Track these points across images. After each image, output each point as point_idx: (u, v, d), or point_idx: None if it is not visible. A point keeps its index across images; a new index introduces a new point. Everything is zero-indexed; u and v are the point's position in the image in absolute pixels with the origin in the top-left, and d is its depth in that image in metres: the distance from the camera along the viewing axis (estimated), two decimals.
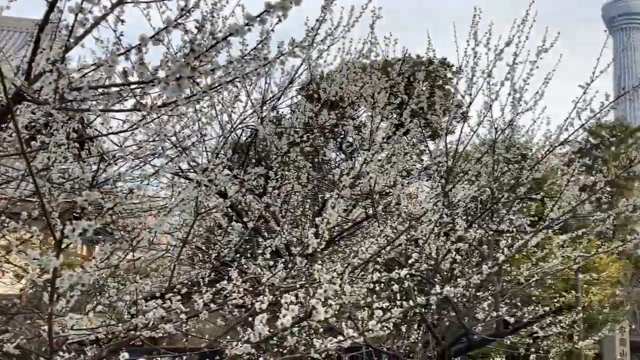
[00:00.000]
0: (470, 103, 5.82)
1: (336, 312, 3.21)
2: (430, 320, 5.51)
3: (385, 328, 2.42)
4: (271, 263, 3.77)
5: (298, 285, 2.49)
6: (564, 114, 6.05)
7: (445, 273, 6.17)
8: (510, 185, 5.84)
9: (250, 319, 2.38)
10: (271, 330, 1.97)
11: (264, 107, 5.78)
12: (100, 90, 2.42)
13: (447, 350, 5.23)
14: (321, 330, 2.98)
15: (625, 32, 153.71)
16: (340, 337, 2.34)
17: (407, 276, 3.89)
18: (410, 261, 3.22)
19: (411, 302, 2.74)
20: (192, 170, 5.60)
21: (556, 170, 8.47)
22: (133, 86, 2.20)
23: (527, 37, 5.75)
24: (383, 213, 5.66)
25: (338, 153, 8.28)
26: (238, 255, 5.51)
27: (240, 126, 6.41)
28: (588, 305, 15.18)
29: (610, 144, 33.36)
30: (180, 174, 5.87)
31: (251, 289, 2.99)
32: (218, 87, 2.88)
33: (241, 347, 1.97)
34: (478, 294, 5.66)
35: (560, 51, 6.41)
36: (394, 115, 6.61)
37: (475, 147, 6.62)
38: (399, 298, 3.17)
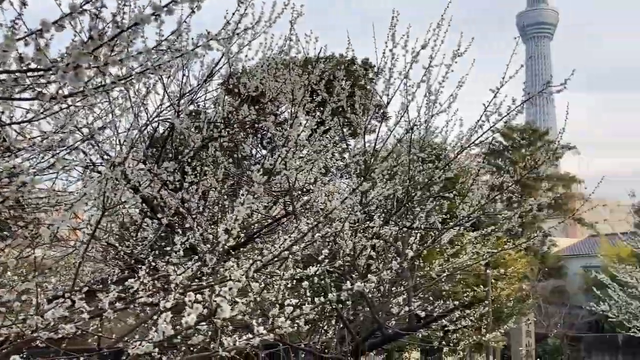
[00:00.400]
0: (388, 103, 5.97)
1: (250, 309, 3.19)
2: (346, 316, 5.60)
3: (295, 325, 2.43)
4: (187, 260, 3.69)
5: (205, 284, 2.45)
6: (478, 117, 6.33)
7: (362, 269, 6.30)
8: (424, 184, 6.03)
9: (155, 318, 2.32)
10: (176, 329, 1.93)
11: (182, 101, 5.65)
12: None
13: (361, 344, 5.33)
14: (230, 328, 2.95)
15: (536, 40, 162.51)
16: (249, 335, 2.32)
17: (325, 272, 3.93)
18: (320, 258, 3.25)
19: (322, 299, 2.77)
20: (103, 164, 5.39)
21: (468, 170, 8.83)
22: (31, 74, 2.07)
23: (442, 41, 5.95)
24: (302, 210, 5.69)
25: (258, 149, 8.23)
26: (153, 252, 5.36)
27: (156, 119, 6.24)
28: (497, 299, 15.99)
29: (521, 146, 35.31)
30: (92, 167, 5.63)
31: (162, 287, 2.91)
32: (130, 78, 2.78)
33: (143, 346, 1.91)
34: (392, 289, 5.81)
35: (480, 56, 6.69)
36: (317, 114, 6.66)
37: (393, 146, 6.78)
38: (318, 294, 3.20)
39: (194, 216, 5.00)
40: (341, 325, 5.74)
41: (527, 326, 20.98)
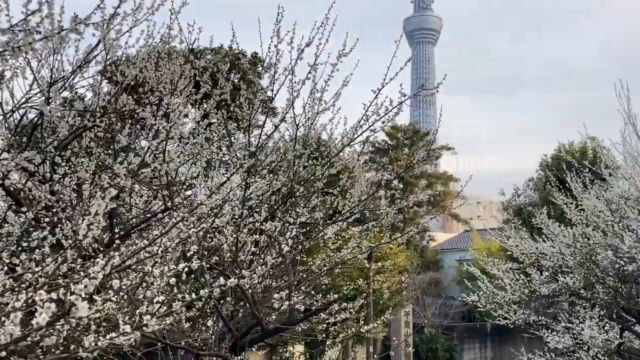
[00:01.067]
0: (272, 99, 5.97)
1: (118, 307, 3.05)
2: (227, 312, 5.54)
3: (163, 323, 2.36)
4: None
5: (62, 282, 2.30)
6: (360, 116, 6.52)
7: (245, 265, 6.27)
8: (306, 180, 6.12)
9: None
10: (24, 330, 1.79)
11: (52, 87, 5.28)
12: None
13: (239, 340, 5.31)
14: (94, 327, 2.81)
15: (422, 45, 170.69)
16: (113, 335, 2.22)
17: (203, 269, 3.83)
18: (189, 254, 3.19)
19: (194, 295, 2.71)
20: None
21: (352, 167, 9.03)
22: None
23: (327, 39, 6.05)
24: (183, 205, 5.54)
25: (138, 141, 7.91)
26: (18, 248, 4.97)
27: (24, 106, 5.79)
28: (378, 291, 16.66)
29: (404, 146, 36.97)
30: None
31: (17, 286, 2.70)
32: None
33: None
34: (273, 284, 5.84)
35: (371, 58, 6.87)
36: (204, 106, 6.52)
37: (276, 142, 6.81)
38: (198, 292, 3.13)
39: (64, 210, 4.69)
40: (220, 322, 5.67)
41: (405, 317, 22.04)
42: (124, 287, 2.90)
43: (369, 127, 5.37)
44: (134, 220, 6.45)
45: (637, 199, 10.71)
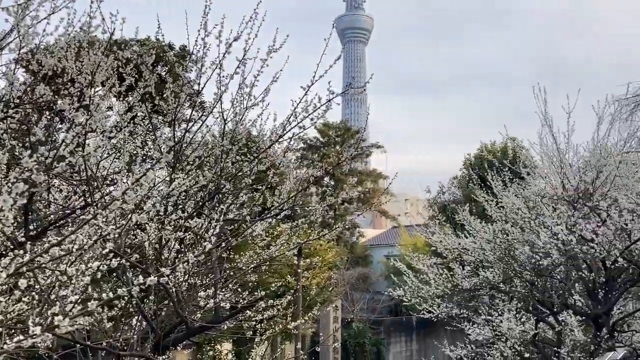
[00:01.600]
0: (199, 92, 5.86)
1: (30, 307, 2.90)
2: (149, 311, 5.39)
3: (76, 323, 2.25)
4: None
5: None
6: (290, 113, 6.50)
7: (169, 262, 6.12)
8: (234, 176, 6.05)
9: None
10: None
11: None
12: None
13: (163, 339, 5.18)
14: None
15: (353, 44, 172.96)
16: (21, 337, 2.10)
17: (124, 267, 3.70)
18: (104, 252, 3.07)
19: (111, 294, 2.61)
20: None
21: (281, 164, 9.00)
22: None
23: (256, 34, 5.99)
24: (104, 201, 5.34)
25: (57, 133, 7.54)
26: None
27: None
28: (308, 287, 16.75)
29: (336, 143, 37.35)
30: None
31: None
32: None
33: None
34: (199, 282, 5.73)
35: (303, 55, 6.84)
36: (127, 99, 6.30)
37: (206, 136, 6.69)
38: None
39: None
40: (143, 321, 5.52)
41: (334, 312, 22.29)
42: (37, 287, 2.75)
43: (297, 124, 5.37)
44: (52, 217, 6.16)
45: (552, 197, 11.31)
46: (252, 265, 6.35)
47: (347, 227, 36.82)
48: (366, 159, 41.69)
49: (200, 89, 5.79)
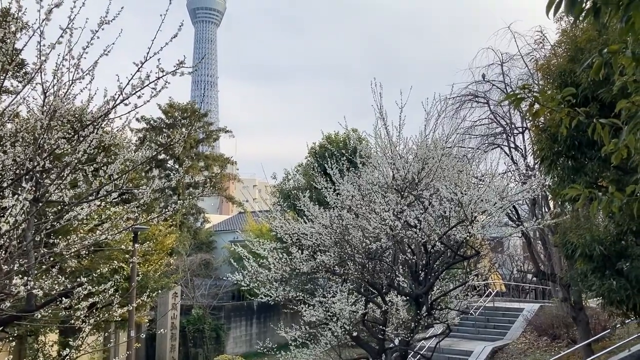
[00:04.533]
0: (12, 61, 5.29)
1: None
2: None
3: None
4: None
5: None
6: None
7: None
8: (53, 153, 5.60)
9: None
10: None
11: None
12: None
13: None
14: None
15: (204, 24, 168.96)
16: None
17: None
18: None
19: None
20: None
21: (121, 141, 8.50)
22: None
23: (83, 3, 5.58)
24: None
25: None
26: None
27: None
28: (144, 274, 16.11)
29: (182, 125, 36.21)
30: None
31: None
32: None
33: None
34: (6, 268, 5.22)
35: (150, 32, 6.44)
36: None
37: (18, 109, 6.10)
38: None
39: None
40: None
41: (173, 299, 21.78)
42: None
43: (122, 100, 5.09)
44: None
45: (383, 186, 12.07)
46: (72, 250, 5.93)
47: (191, 212, 36.05)
48: (214, 143, 41.01)
49: (12, 57, 5.23)
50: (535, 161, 15.69)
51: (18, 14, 5.10)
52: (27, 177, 5.46)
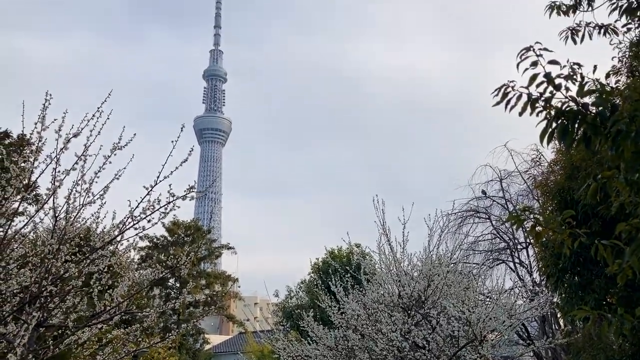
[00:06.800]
0: (32, 187, 5.49)
1: None
2: None
3: None
4: None
5: None
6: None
7: None
8: (60, 277, 5.62)
9: None
10: None
11: None
12: None
13: None
14: None
15: (210, 144, 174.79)
16: None
17: None
18: None
19: None
20: None
21: (125, 262, 8.52)
22: None
23: (99, 132, 5.89)
24: None
25: None
26: None
27: None
28: None
29: (185, 242, 36.24)
30: None
31: None
32: None
33: None
34: None
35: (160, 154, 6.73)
36: None
37: (30, 233, 6.21)
38: None
39: None
40: None
41: None
42: None
43: (133, 224, 5.21)
44: None
45: (389, 304, 11.85)
46: None
47: (191, 332, 34.99)
48: (216, 260, 40.76)
49: (30, 182, 5.44)
50: (542, 277, 15.53)
51: (38, 143, 5.37)
52: (32, 301, 5.44)
